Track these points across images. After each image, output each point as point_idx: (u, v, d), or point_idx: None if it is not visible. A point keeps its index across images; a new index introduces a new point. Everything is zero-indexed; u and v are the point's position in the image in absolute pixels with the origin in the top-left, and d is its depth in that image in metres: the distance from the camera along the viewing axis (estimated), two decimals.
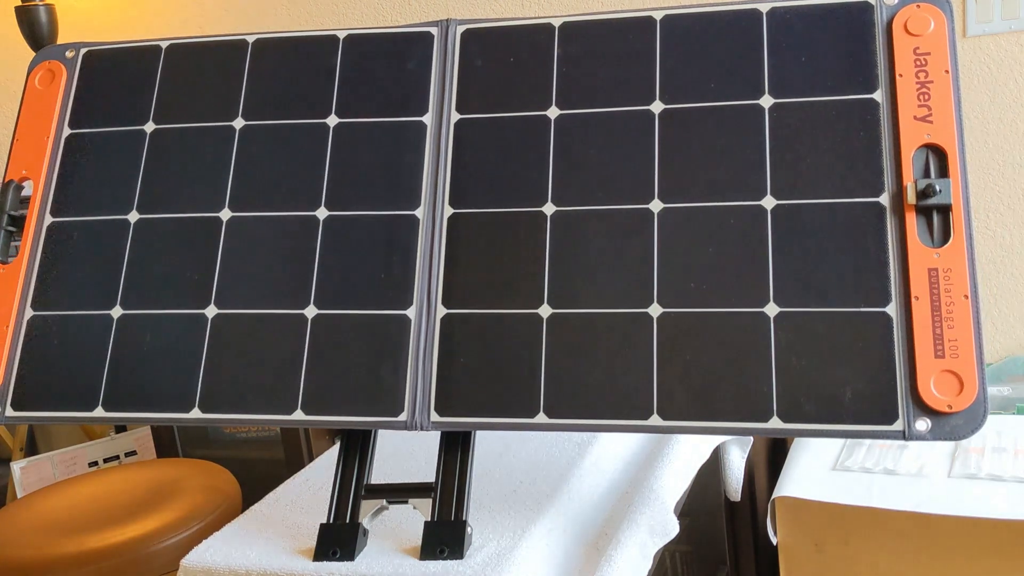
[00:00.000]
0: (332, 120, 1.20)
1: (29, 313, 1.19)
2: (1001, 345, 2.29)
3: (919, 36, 1.09)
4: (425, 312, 1.10)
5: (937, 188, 1.02)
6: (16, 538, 1.78)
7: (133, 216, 1.21)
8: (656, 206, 1.09)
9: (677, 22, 1.17)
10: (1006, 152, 2.20)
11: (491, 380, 1.07)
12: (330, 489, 1.25)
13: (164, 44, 1.28)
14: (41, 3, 2.84)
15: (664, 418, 1.02)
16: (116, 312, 1.17)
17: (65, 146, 1.25)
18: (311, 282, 1.14)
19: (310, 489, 1.26)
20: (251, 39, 1.26)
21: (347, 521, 1.07)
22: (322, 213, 1.16)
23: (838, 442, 1.77)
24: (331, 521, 1.08)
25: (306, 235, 1.16)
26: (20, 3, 2.84)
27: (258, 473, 2.41)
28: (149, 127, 1.24)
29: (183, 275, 1.17)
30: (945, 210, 1.02)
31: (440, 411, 1.06)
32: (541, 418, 1.04)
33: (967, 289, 1.00)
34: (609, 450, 1.31)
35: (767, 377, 1.01)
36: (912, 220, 1.03)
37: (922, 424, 0.97)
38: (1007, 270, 2.25)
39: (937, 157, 1.04)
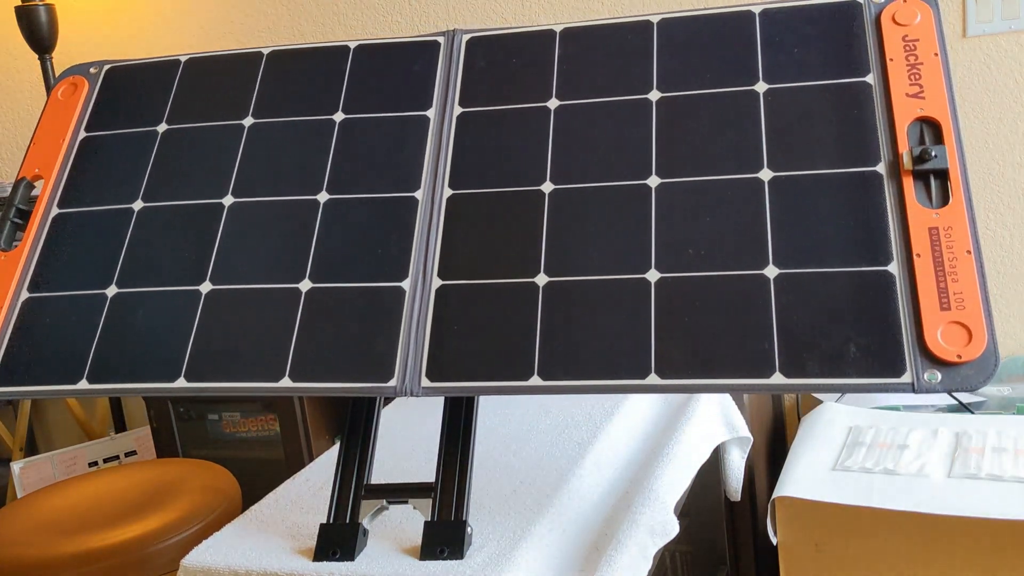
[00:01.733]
0: (339, 116, 1.23)
1: (24, 295, 1.19)
2: (1001, 345, 2.29)
3: (907, 26, 1.13)
4: (420, 283, 1.11)
5: (933, 153, 1.03)
6: (16, 538, 1.78)
7: (137, 204, 1.23)
8: (654, 181, 1.11)
9: (674, 24, 1.22)
10: (1006, 152, 2.20)
11: (484, 345, 1.06)
12: (330, 489, 1.25)
13: (183, 58, 1.34)
14: (41, 3, 2.84)
15: (662, 377, 1.00)
16: (111, 291, 1.17)
17: (79, 148, 1.29)
18: (308, 259, 1.15)
19: (310, 489, 1.26)
20: (266, 51, 1.31)
21: (347, 521, 1.07)
22: (323, 197, 1.18)
23: (838, 442, 1.77)
24: (331, 521, 1.08)
25: (306, 216, 1.17)
26: (20, 3, 2.84)
27: (258, 473, 2.41)
28: (161, 127, 1.28)
29: (181, 256, 1.17)
30: (942, 174, 1.04)
31: (431, 377, 1.05)
32: (535, 380, 1.03)
33: (969, 245, 1.00)
34: (609, 450, 1.31)
35: (768, 335, 1.00)
36: (910, 184, 1.04)
37: (932, 376, 0.95)
38: (1007, 270, 2.25)
39: (932, 129, 1.06)
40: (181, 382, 1.10)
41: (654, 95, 1.17)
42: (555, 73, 1.21)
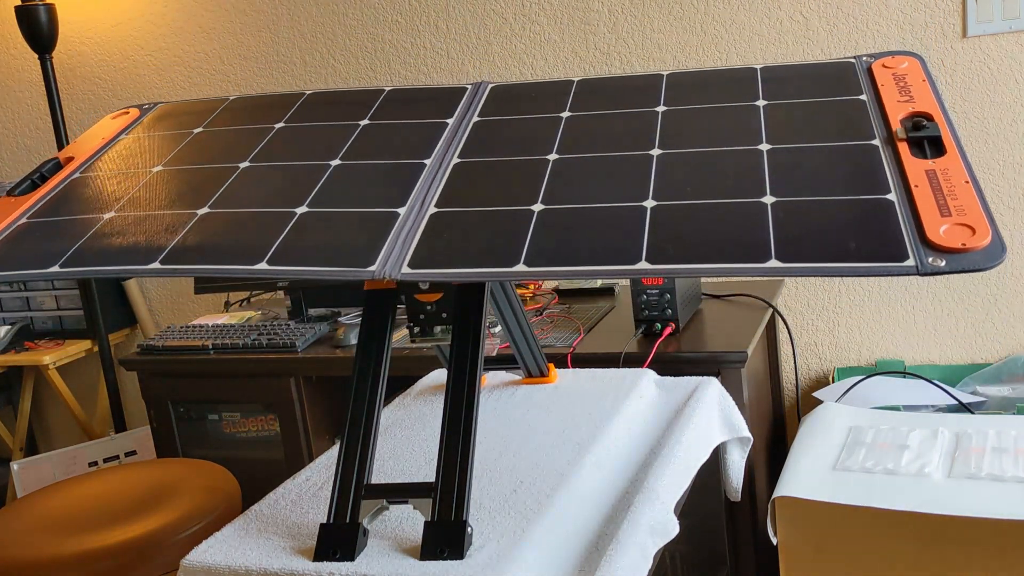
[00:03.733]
0: (363, 122, 1.33)
1: (23, 220, 1.26)
2: (1001, 345, 2.29)
3: (895, 68, 1.25)
4: (417, 209, 1.13)
5: (925, 124, 1.10)
6: (16, 538, 1.78)
7: (157, 167, 1.33)
8: (655, 152, 1.17)
9: (682, 76, 1.35)
10: (1006, 152, 2.20)
11: (471, 245, 1.06)
12: (330, 489, 1.25)
13: (231, 97, 1.50)
14: (41, 3, 2.84)
15: (653, 263, 0.99)
16: (107, 215, 1.22)
17: (113, 143, 1.41)
18: (308, 194, 1.19)
19: (310, 489, 1.26)
20: (308, 92, 1.46)
21: (347, 521, 1.07)
22: (335, 162, 1.25)
23: (838, 442, 1.77)
24: (331, 521, 1.08)
25: (314, 174, 1.24)
26: (20, 3, 2.84)
27: (258, 473, 2.41)
28: (196, 130, 1.39)
29: (186, 192, 1.24)
30: (936, 141, 1.09)
31: (413, 266, 1.05)
32: (520, 268, 1.01)
33: (966, 177, 1.02)
34: (609, 450, 1.31)
35: (764, 229, 1.00)
36: (905, 147, 1.09)
37: (936, 260, 0.94)
38: (1007, 270, 2.25)
39: (924, 119, 1.13)
40: (155, 265, 1.10)
41: (660, 108, 1.25)
42: (569, 101, 1.32)
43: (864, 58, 1.30)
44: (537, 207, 1.10)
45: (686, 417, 1.43)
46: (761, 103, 1.23)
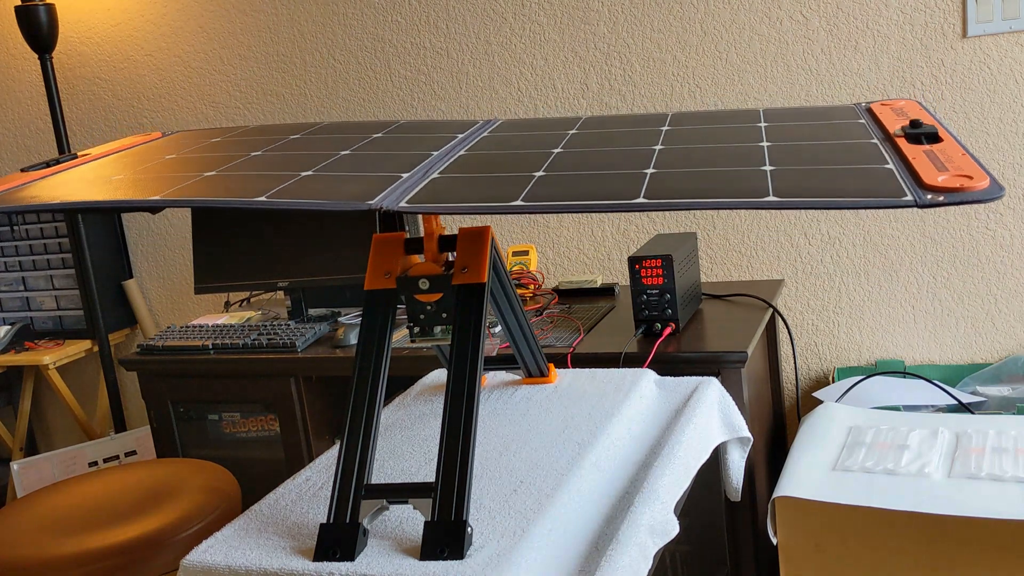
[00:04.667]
0: (377, 135, 1.37)
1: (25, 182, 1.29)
2: (1001, 345, 2.29)
3: (893, 105, 1.31)
4: (420, 175, 1.14)
5: (922, 122, 1.13)
6: (16, 538, 1.78)
7: (170, 156, 1.37)
8: (658, 147, 1.21)
9: (685, 115, 1.39)
10: (1006, 152, 2.20)
11: (473, 191, 1.06)
12: (330, 489, 1.25)
13: (252, 126, 1.54)
14: (41, 3, 2.84)
15: (650, 199, 0.99)
16: (116, 177, 1.27)
17: (132, 148, 1.45)
18: (315, 165, 1.21)
19: (310, 489, 1.26)
20: (324, 123, 1.51)
21: (347, 521, 1.07)
22: (345, 152, 1.29)
23: (838, 442, 1.77)
24: (331, 521, 1.08)
25: (323, 156, 1.28)
26: (20, 3, 2.84)
27: (258, 473, 2.41)
28: (214, 140, 1.44)
29: (194, 165, 1.27)
30: (932, 136, 1.11)
31: (411, 203, 1.05)
32: (518, 203, 1.02)
33: (961, 151, 1.04)
34: (609, 450, 1.31)
35: (762, 167, 1.03)
36: (903, 141, 1.12)
37: (935, 196, 0.93)
38: (1007, 270, 2.25)
39: (920, 121, 1.17)
40: (157, 198, 1.11)
41: (664, 128, 1.30)
42: (575, 129, 1.38)
43: (863, 103, 1.37)
44: (539, 173, 1.11)
45: (686, 417, 1.43)
46: (763, 124, 1.28)
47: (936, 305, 2.31)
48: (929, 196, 0.92)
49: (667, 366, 1.86)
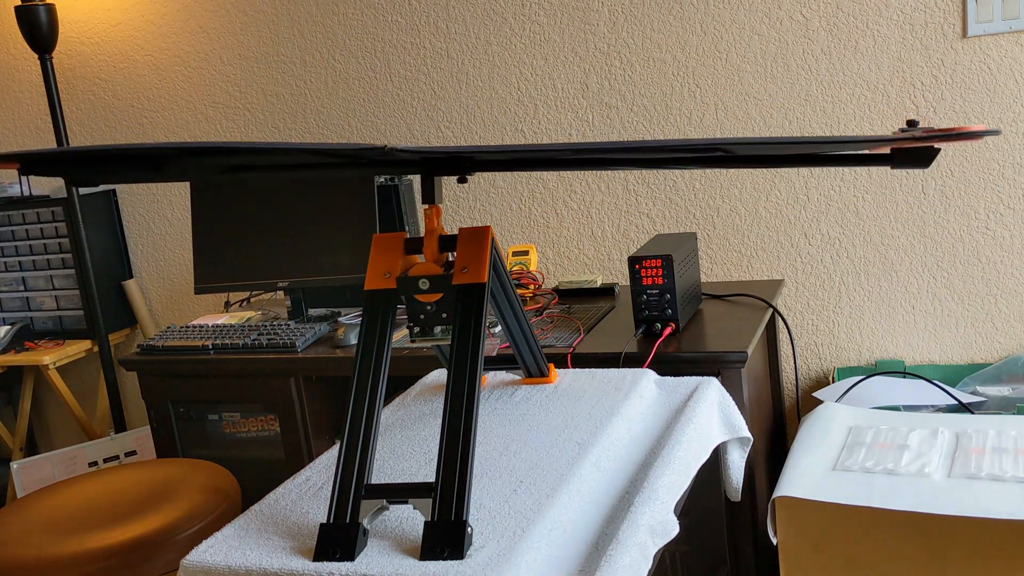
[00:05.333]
0: None
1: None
2: (1001, 345, 2.29)
3: None
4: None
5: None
6: (16, 538, 1.78)
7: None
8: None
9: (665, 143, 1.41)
10: (1006, 152, 2.20)
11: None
12: (330, 489, 1.25)
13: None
14: (41, 3, 2.84)
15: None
16: None
17: None
18: None
19: (310, 489, 1.26)
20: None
21: (347, 521, 1.07)
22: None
23: (838, 442, 1.77)
24: (331, 521, 1.08)
25: None
26: (20, 3, 2.84)
27: (258, 473, 2.41)
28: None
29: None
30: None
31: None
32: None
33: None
34: (609, 450, 1.31)
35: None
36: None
37: (931, 132, 0.98)
38: (1007, 270, 2.25)
39: None
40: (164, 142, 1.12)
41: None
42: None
43: None
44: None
45: (686, 417, 1.43)
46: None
47: (936, 305, 2.31)
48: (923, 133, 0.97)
49: (667, 366, 1.86)
